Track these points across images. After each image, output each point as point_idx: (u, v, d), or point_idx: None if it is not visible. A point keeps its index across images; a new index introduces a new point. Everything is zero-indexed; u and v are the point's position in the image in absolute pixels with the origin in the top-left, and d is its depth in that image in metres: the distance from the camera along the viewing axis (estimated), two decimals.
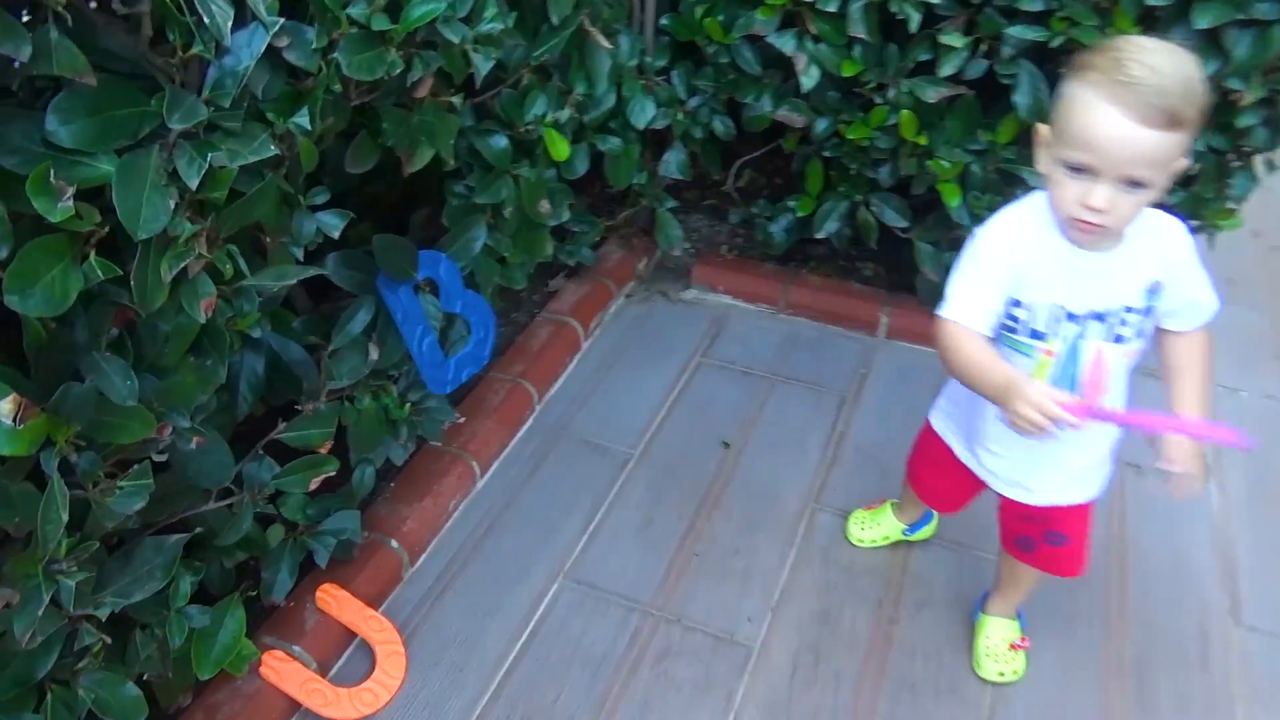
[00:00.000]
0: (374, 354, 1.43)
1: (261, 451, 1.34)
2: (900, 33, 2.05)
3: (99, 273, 0.85)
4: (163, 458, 1.04)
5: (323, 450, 1.41)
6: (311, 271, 1.13)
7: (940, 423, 1.58)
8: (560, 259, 2.54)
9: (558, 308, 2.52)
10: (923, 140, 2.11)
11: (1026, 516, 1.50)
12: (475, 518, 2.04)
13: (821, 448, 2.21)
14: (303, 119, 1.01)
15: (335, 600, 1.75)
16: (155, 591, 1.13)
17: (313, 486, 1.41)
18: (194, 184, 0.86)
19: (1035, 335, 1.25)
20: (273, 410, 1.55)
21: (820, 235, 2.42)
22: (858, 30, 2.04)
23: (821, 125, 2.25)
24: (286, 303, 1.80)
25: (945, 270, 2.35)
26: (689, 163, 2.52)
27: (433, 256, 1.51)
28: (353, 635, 1.76)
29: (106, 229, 0.84)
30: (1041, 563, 1.56)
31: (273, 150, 0.96)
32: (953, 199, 2.11)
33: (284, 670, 1.64)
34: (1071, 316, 1.23)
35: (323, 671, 1.70)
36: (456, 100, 1.39)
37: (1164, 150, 1.05)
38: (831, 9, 2.02)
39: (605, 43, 1.74)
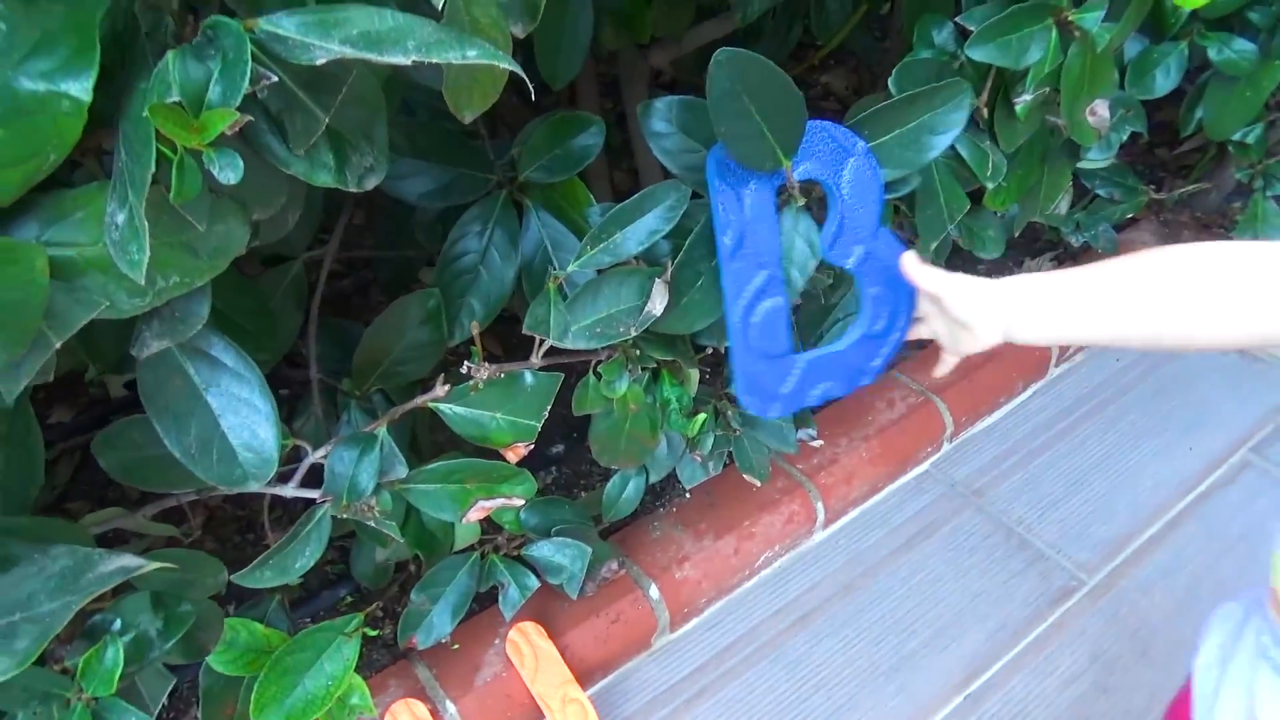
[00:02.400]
0: (656, 304, 0.67)
1: (379, 431, 0.66)
2: None
3: None
4: None
5: (513, 456, 0.71)
6: (480, 55, 0.38)
7: None
8: (1060, 231, 1.58)
9: None
10: None
11: None
12: (793, 591, 1.25)
13: None
14: None
15: (533, 653, 1.08)
16: (10, 673, 0.50)
17: (472, 517, 0.71)
18: None
19: None
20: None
21: None
22: None
23: None
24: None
25: None
26: None
27: (839, 137, 0.69)
28: (539, 715, 1.09)
29: None
30: None
31: None
32: None
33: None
34: None
35: None
36: None
37: None
38: None
39: None
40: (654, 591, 1.16)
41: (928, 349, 1.48)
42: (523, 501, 0.72)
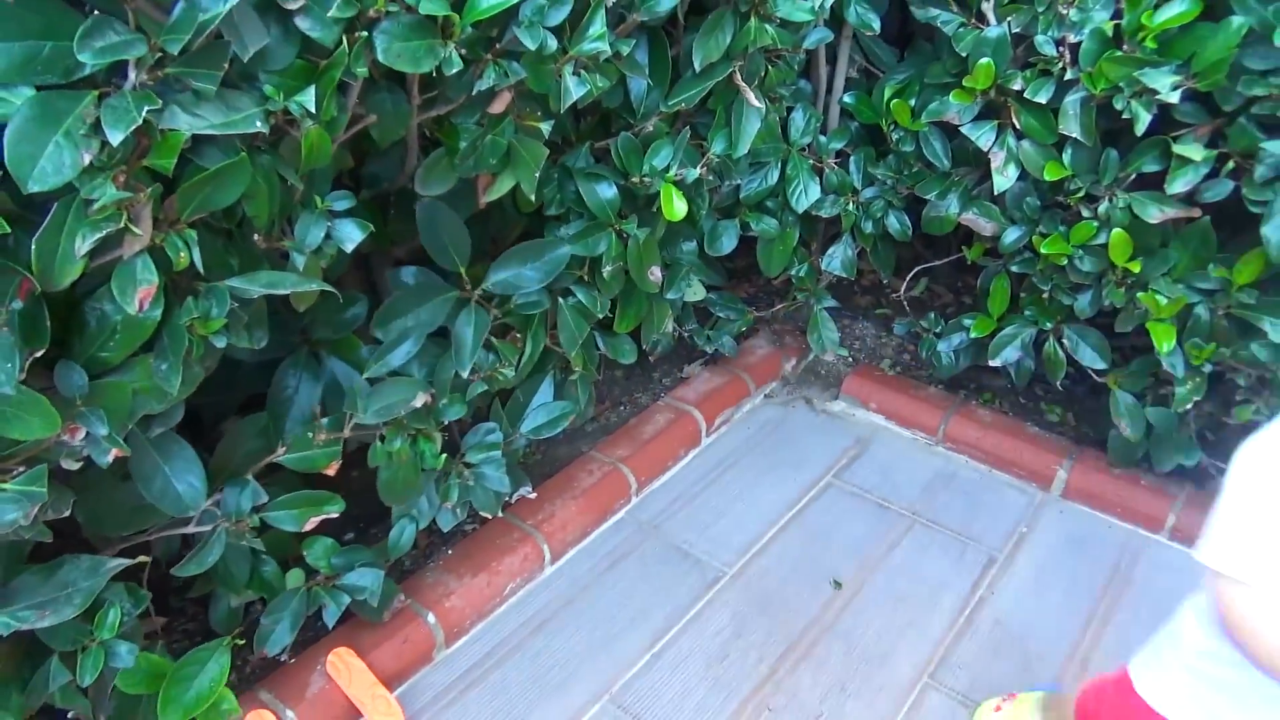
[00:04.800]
0: (420, 400, 1.23)
1: (249, 477, 1.18)
2: (1125, 137, 1.71)
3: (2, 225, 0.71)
4: (74, 465, 0.88)
5: (330, 471, 1.23)
6: (312, 286, 0.96)
7: (1182, 703, 1.05)
8: (698, 344, 2.31)
9: (682, 395, 2.28)
10: (1135, 267, 1.73)
11: None
12: (531, 608, 1.80)
13: (953, 611, 1.81)
14: (307, 99, 0.85)
15: (346, 669, 1.55)
16: (69, 618, 0.96)
17: (308, 526, 1.22)
18: (117, 138, 0.71)
19: None
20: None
21: (995, 363, 2.06)
22: (1071, 128, 1.71)
23: (1012, 235, 1.91)
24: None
25: (1145, 428, 1.93)
26: (856, 261, 2.25)
27: None
28: (356, 714, 1.55)
29: None
30: None
31: (257, 126, 0.80)
32: (1164, 342, 1.71)
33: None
34: None
35: None
36: (545, 127, 1.20)
37: None
38: (1041, 100, 1.71)
39: (755, 100, 1.52)
40: (431, 618, 1.67)
41: (614, 435, 2.11)
42: (338, 513, 1.23)
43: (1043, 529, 2.03)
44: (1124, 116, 1.62)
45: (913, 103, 1.94)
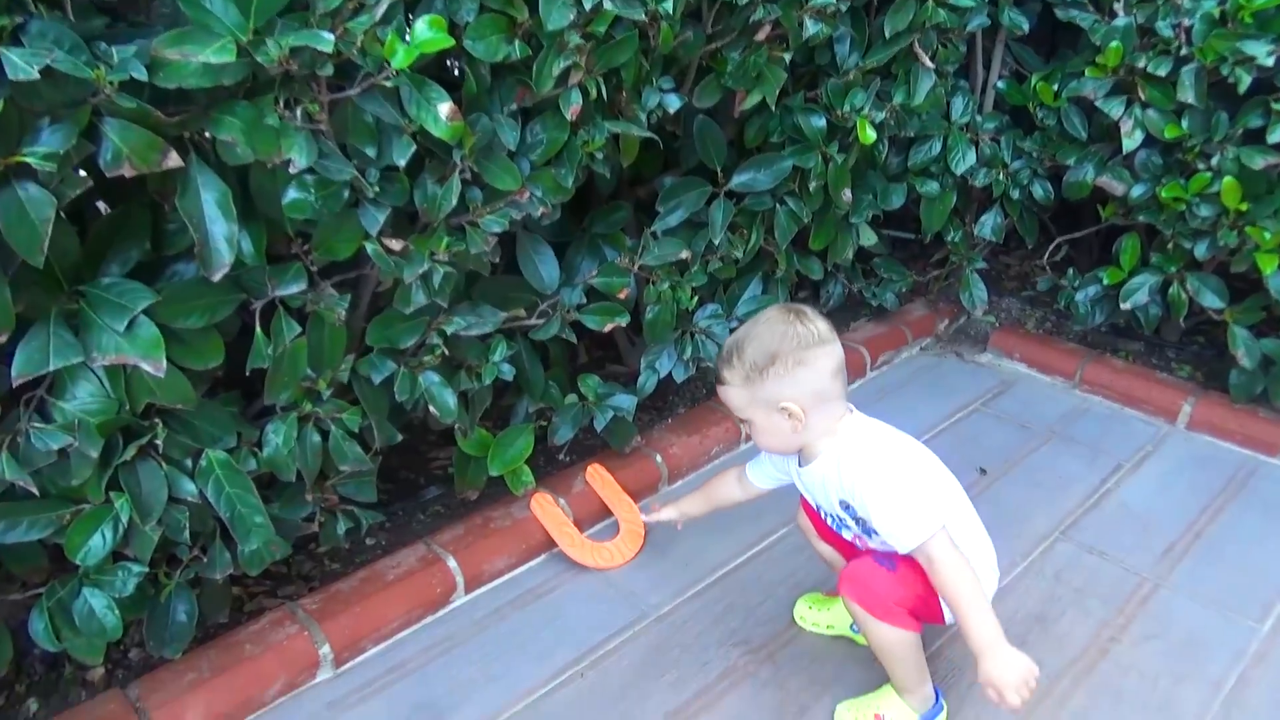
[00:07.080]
0: (684, 253, 1.81)
1: (576, 281, 1.78)
2: (1233, 100, 2.16)
3: (517, 51, 1.32)
4: (518, 217, 1.47)
5: (621, 295, 1.80)
6: (642, 134, 1.56)
7: None
8: (866, 299, 2.81)
9: (850, 336, 2.79)
10: (1244, 207, 2.16)
11: None
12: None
13: (1083, 495, 2.22)
14: (667, 5, 1.44)
15: (600, 478, 2.11)
16: (480, 335, 1.56)
17: (607, 329, 1.79)
18: (589, 5, 1.32)
19: None
20: None
21: (1126, 305, 2.47)
22: (1187, 96, 2.18)
23: (1138, 190, 2.36)
24: None
25: (1260, 358, 2.31)
26: (1004, 227, 2.72)
27: None
28: (607, 513, 2.10)
29: (527, 21, 1.32)
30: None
31: (642, 15, 1.40)
32: (1269, 267, 2.12)
33: (548, 510, 2.01)
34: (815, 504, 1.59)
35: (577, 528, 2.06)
36: (786, 57, 1.78)
37: (730, 398, 1.43)
38: (1161, 74, 2.19)
39: (929, 63, 2.07)
40: (658, 459, 2.22)
41: None
42: (626, 322, 1.81)
43: (1167, 449, 2.41)
44: (1229, 81, 2.09)
45: (1055, 86, 2.45)
